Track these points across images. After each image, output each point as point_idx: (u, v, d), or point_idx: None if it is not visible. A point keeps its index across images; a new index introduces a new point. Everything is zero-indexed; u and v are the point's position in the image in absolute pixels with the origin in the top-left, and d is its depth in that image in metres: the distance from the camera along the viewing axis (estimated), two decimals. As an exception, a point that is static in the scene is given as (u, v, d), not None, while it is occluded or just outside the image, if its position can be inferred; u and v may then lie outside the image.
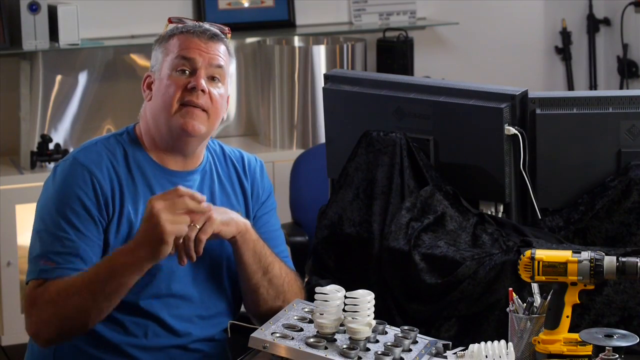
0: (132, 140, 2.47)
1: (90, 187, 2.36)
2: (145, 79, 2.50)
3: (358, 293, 2.28)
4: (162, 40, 2.48)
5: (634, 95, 2.67)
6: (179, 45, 2.44)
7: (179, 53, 2.43)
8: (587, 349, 2.21)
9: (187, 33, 2.45)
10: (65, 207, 2.35)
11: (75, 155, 2.41)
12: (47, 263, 2.32)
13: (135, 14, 4.83)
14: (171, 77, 2.42)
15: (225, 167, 2.57)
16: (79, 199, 2.35)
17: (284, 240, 2.65)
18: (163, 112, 2.42)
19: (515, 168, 2.66)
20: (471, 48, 5.44)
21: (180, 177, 2.46)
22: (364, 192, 2.69)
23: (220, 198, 2.51)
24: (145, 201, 2.36)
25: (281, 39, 5.03)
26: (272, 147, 4.87)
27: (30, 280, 2.34)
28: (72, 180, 2.37)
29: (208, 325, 2.47)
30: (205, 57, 2.43)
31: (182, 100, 2.41)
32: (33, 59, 4.61)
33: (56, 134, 4.71)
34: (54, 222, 2.35)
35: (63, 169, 2.40)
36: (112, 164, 2.41)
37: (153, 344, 2.40)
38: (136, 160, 2.44)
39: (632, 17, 5.41)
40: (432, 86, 2.76)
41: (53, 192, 2.38)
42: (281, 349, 2.23)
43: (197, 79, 2.41)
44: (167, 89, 2.41)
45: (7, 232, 4.37)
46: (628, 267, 2.21)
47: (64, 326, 2.31)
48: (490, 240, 2.57)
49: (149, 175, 2.44)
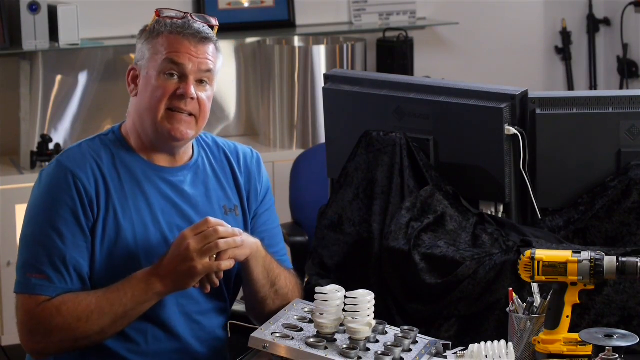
0: (117, 139, 2.44)
1: (74, 190, 2.33)
2: (129, 71, 2.45)
3: (358, 293, 2.28)
4: (150, 35, 2.41)
5: (634, 95, 2.67)
6: (168, 47, 2.38)
7: (168, 55, 2.37)
8: (587, 349, 2.21)
9: (177, 34, 2.39)
10: (52, 213, 2.33)
11: (58, 159, 2.39)
12: (39, 277, 2.30)
13: (135, 14, 4.79)
14: (159, 80, 2.37)
15: (219, 159, 2.54)
16: (65, 204, 2.33)
17: (282, 238, 2.64)
18: (149, 114, 2.38)
19: (515, 168, 2.66)
20: (471, 48, 5.44)
21: (170, 173, 2.44)
22: (364, 192, 2.69)
23: (215, 191, 2.50)
24: (134, 200, 2.37)
25: (281, 39, 5.03)
26: (272, 147, 4.87)
27: (22, 293, 2.32)
28: (56, 185, 2.34)
29: (208, 323, 2.46)
30: (195, 62, 2.37)
31: (170, 106, 2.37)
32: (33, 59, 4.61)
33: (56, 134, 4.71)
34: (41, 230, 2.33)
35: (47, 174, 2.38)
36: (97, 164, 2.38)
37: (153, 348, 2.39)
38: (122, 159, 2.41)
39: (632, 17, 5.41)
40: (432, 86, 2.76)
41: (39, 198, 2.36)
42: (281, 349, 2.23)
43: (187, 87, 2.36)
44: (155, 92, 2.37)
45: (7, 232, 4.37)
46: (628, 267, 2.21)
47: (78, 347, 2.32)
48: (490, 240, 2.57)
49: (137, 173, 2.41)
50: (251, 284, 2.44)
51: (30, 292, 2.31)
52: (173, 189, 2.43)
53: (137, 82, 2.43)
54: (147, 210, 2.39)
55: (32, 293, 2.31)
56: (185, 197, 2.44)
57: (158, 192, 2.41)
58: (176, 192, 2.43)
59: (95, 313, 2.29)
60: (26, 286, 2.32)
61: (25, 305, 2.31)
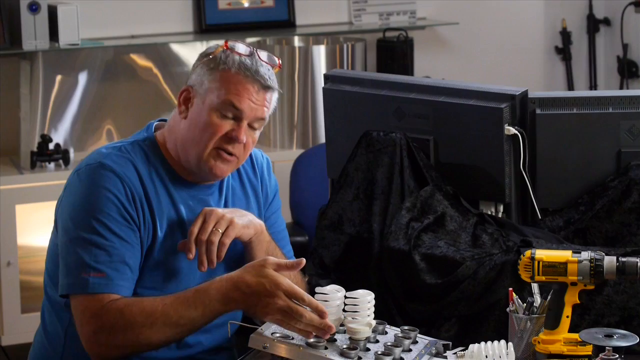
0: (154, 147, 2.41)
1: (122, 191, 2.30)
2: (182, 92, 2.40)
3: (358, 293, 2.28)
4: (213, 64, 2.36)
5: (634, 95, 2.67)
6: (231, 88, 2.33)
7: (228, 97, 2.33)
8: (587, 349, 2.21)
9: (243, 76, 2.34)
10: (100, 212, 2.28)
11: (102, 161, 2.33)
12: (96, 275, 2.25)
13: (135, 14, 4.83)
14: (213, 116, 2.34)
15: (235, 171, 2.52)
16: (113, 203, 2.29)
17: (289, 241, 2.64)
18: (195, 147, 2.36)
19: (515, 168, 2.66)
20: (471, 48, 5.44)
21: (200, 190, 2.44)
22: (364, 192, 2.69)
23: (232, 205, 2.49)
24: (168, 214, 2.36)
25: (281, 39, 5.03)
26: (272, 147, 4.87)
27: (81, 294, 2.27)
28: (103, 186, 2.30)
29: (219, 332, 2.45)
30: (254, 109, 2.35)
31: (219, 145, 2.35)
32: (33, 59, 4.61)
33: (56, 134, 4.71)
34: (90, 229, 2.28)
35: (89, 175, 2.32)
36: (137, 172, 2.36)
37: (163, 355, 2.37)
38: (158, 170, 2.39)
39: (632, 17, 5.41)
40: (432, 86, 2.76)
41: (82, 198, 2.31)
42: (281, 349, 2.23)
43: (240, 132, 2.34)
44: (206, 128, 2.35)
45: (7, 232, 4.37)
46: (628, 267, 2.21)
47: (140, 351, 2.28)
48: (490, 240, 2.57)
49: (169, 186, 2.40)
50: None
51: (91, 291, 2.26)
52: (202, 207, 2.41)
53: (188, 105, 2.39)
54: (178, 231, 2.39)
55: (93, 292, 2.26)
56: None
57: (189, 210, 2.41)
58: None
59: (160, 320, 2.24)
60: (84, 286, 2.26)
61: (87, 305, 2.26)
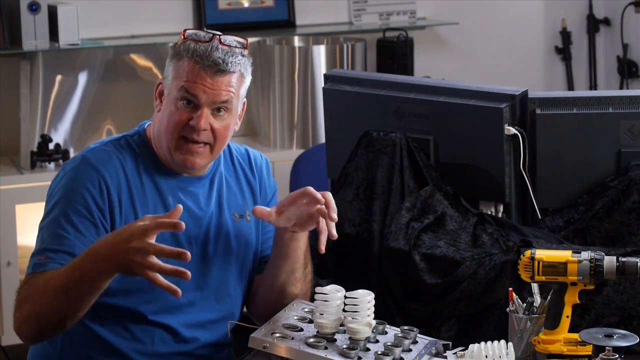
0: (142, 142, 2.43)
1: (97, 188, 2.32)
2: (157, 85, 2.42)
3: (358, 293, 2.28)
4: (175, 55, 2.37)
5: (634, 95, 2.67)
6: (186, 75, 2.33)
7: (184, 84, 2.33)
8: (587, 349, 2.21)
9: (196, 63, 2.32)
10: (69, 205, 2.31)
11: (85, 155, 2.37)
12: (42, 259, 2.27)
13: (135, 14, 4.83)
14: (176, 105, 2.35)
15: (231, 167, 2.53)
16: (84, 199, 2.31)
17: None
18: (165, 137, 2.37)
19: (515, 168, 2.66)
20: (471, 48, 5.44)
21: (190, 182, 2.44)
22: (364, 192, 2.69)
23: (227, 199, 2.50)
24: (154, 206, 2.36)
25: (281, 39, 5.03)
26: (272, 147, 4.87)
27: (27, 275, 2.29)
28: (79, 179, 2.33)
29: (215, 329, 2.46)
30: (210, 95, 2.33)
31: (183, 134, 2.35)
32: (33, 59, 4.60)
33: (56, 134, 4.71)
34: (56, 220, 2.31)
35: (72, 167, 2.36)
36: (122, 166, 2.37)
37: (159, 350, 2.39)
38: (146, 166, 2.40)
39: (632, 17, 5.41)
40: (432, 86, 2.76)
41: (60, 189, 2.35)
42: (281, 349, 2.23)
43: (199, 119, 2.33)
44: (171, 117, 2.35)
45: (7, 232, 4.37)
46: (628, 267, 2.21)
47: (41, 324, 2.23)
48: (490, 240, 2.57)
49: (158, 180, 2.40)
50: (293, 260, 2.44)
51: (30, 272, 2.27)
52: (192, 200, 2.42)
53: (162, 98, 2.41)
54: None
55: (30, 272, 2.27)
56: (201, 208, 2.44)
57: (178, 202, 2.39)
58: (195, 202, 2.43)
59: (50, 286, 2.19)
60: (29, 267, 2.28)
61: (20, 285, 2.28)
